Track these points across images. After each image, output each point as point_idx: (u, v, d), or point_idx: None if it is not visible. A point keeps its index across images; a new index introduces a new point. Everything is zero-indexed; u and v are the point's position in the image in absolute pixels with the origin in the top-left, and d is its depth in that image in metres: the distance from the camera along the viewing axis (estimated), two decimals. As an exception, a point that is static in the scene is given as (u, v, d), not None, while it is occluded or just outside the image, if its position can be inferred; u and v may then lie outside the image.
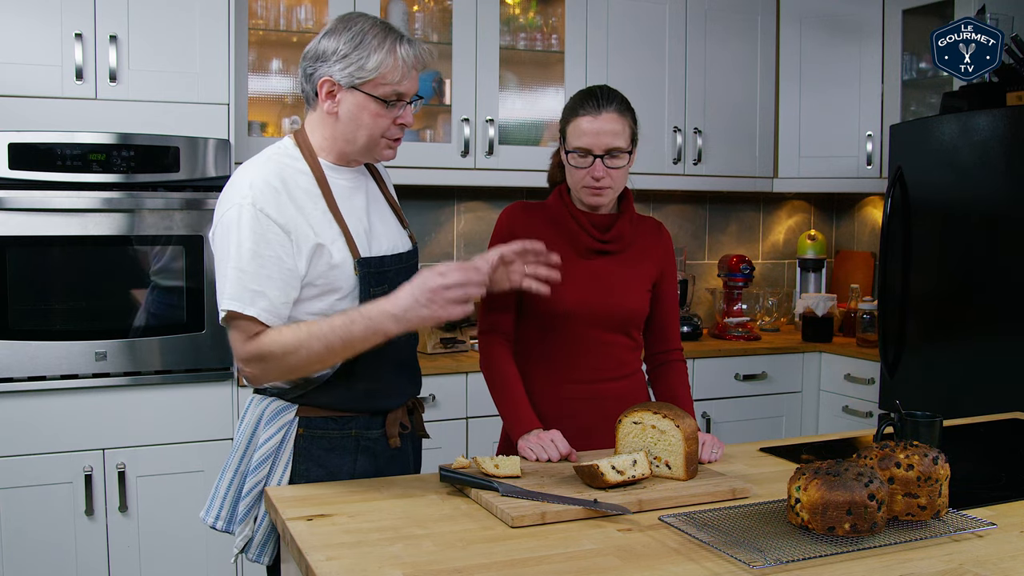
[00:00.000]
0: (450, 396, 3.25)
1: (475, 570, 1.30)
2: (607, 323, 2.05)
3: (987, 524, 1.46)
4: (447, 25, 3.56)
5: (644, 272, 2.10)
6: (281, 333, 1.69)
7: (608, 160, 1.97)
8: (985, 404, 2.80)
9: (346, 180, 1.84)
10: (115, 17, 2.82)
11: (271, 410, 1.82)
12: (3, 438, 2.72)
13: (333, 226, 1.76)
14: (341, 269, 1.75)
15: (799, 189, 4.19)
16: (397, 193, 2.07)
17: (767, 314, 4.33)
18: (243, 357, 1.70)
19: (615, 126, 1.97)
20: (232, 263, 1.69)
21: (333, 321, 1.67)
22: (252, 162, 1.78)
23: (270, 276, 1.69)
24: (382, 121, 1.78)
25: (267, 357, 1.68)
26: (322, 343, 1.66)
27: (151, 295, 2.87)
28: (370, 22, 1.77)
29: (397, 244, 1.90)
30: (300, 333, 1.68)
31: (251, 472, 1.79)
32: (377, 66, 1.73)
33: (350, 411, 1.83)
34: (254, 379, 1.74)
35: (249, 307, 1.68)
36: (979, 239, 3.11)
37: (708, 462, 1.87)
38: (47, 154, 2.73)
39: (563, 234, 2.06)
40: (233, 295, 1.68)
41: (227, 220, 1.71)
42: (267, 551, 1.80)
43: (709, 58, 3.95)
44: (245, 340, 1.69)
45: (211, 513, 1.84)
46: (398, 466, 1.91)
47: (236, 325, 1.71)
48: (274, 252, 1.69)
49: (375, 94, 1.75)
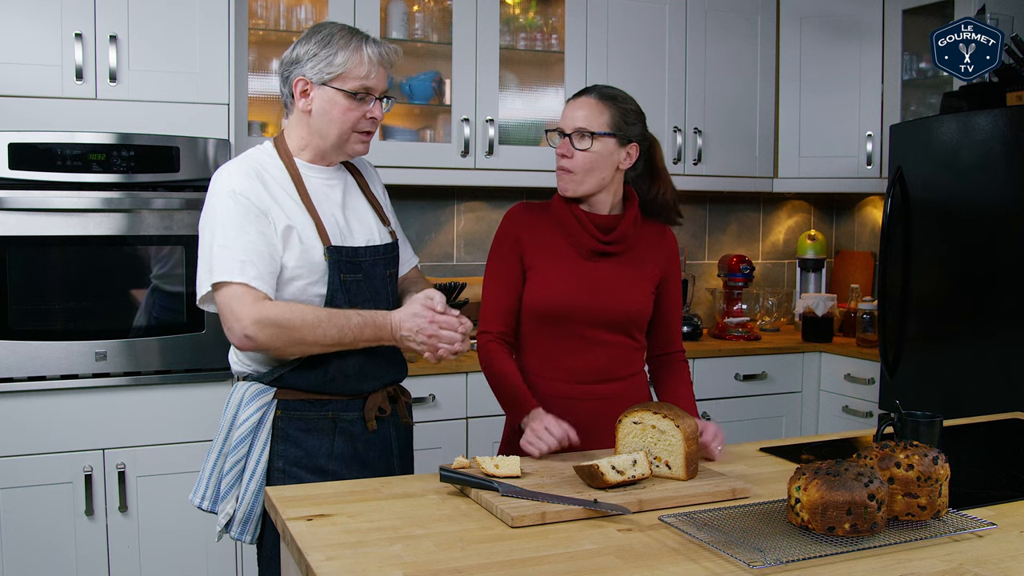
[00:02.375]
0: (450, 396, 3.25)
1: (475, 570, 1.30)
2: (609, 324, 2.05)
3: (987, 524, 1.46)
4: (447, 25, 3.56)
5: (647, 274, 2.10)
6: (298, 308, 1.79)
7: (576, 140, 1.99)
8: (985, 404, 2.80)
9: (322, 177, 1.95)
10: (115, 17, 2.82)
11: (250, 392, 1.90)
12: (3, 438, 2.72)
13: (305, 215, 1.87)
14: (311, 255, 1.85)
15: (799, 189, 4.19)
16: (397, 193, 2.10)
17: (767, 314, 4.33)
18: (251, 320, 1.76)
19: (587, 110, 2.01)
20: (217, 243, 1.79)
21: (348, 313, 1.81)
22: (230, 161, 1.91)
23: (257, 249, 1.78)
24: (352, 114, 1.89)
25: (282, 324, 1.76)
26: (338, 330, 1.79)
27: (151, 295, 2.87)
28: (338, 26, 1.93)
29: (373, 238, 1.98)
30: (320, 313, 1.79)
31: (231, 452, 1.88)
32: (344, 61, 1.86)
33: (325, 394, 1.89)
34: (256, 345, 1.79)
35: (239, 275, 1.76)
36: (979, 239, 3.11)
37: (715, 454, 1.89)
38: (47, 154, 2.73)
39: (565, 235, 2.06)
40: (221, 268, 1.77)
41: (208, 210, 1.84)
42: (248, 529, 1.88)
43: (709, 58, 3.95)
44: (252, 303, 1.76)
45: (197, 494, 1.94)
46: (377, 450, 1.97)
47: (232, 293, 1.77)
48: (256, 227, 1.79)
49: (344, 88, 1.87)
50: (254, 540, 1.89)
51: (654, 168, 2.16)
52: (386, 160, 3.31)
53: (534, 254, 2.06)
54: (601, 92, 2.04)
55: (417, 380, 3.11)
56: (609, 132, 2.01)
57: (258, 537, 1.89)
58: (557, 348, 2.06)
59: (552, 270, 2.05)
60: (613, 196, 2.07)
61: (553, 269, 2.05)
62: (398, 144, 3.49)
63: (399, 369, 2.04)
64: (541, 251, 2.06)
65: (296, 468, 1.88)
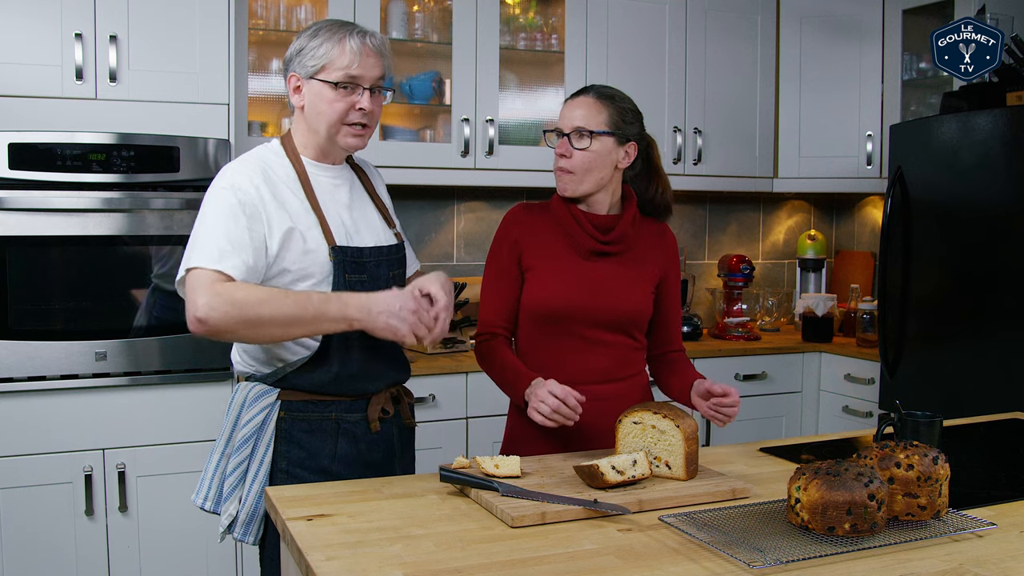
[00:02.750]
0: (450, 396, 3.25)
1: (475, 570, 1.30)
2: (608, 324, 2.05)
3: (987, 524, 1.46)
4: (447, 25, 3.56)
5: (646, 273, 2.10)
6: (254, 286, 1.75)
7: (575, 139, 2.00)
8: (985, 404, 2.80)
9: (329, 176, 1.94)
10: (115, 17, 2.82)
11: (254, 393, 1.89)
12: (3, 438, 2.72)
13: (310, 215, 1.86)
14: (315, 255, 1.84)
15: (799, 189, 4.19)
16: (397, 193, 2.10)
17: (767, 314, 4.33)
18: (207, 298, 1.68)
19: (585, 109, 2.01)
20: (206, 230, 1.78)
21: (311, 292, 1.78)
22: (236, 159, 1.90)
23: (242, 241, 1.76)
24: (337, 105, 1.87)
25: (237, 302, 1.68)
26: (296, 305, 1.71)
27: (151, 295, 2.87)
28: (329, 22, 1.91)
29: (379, 238, 1.97)
30: (275, 291, 1.75)
31: (234, 453, 1.87)
32: (326, 52, 1.86)
33: (329, 395, 1.89)
34: (208, 328, 1.69)
35: (216, 263, 1.73)
36: (979, 239, 3.11)
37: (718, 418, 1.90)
38: (47, 154, 2.73)
39: (564, 235, 2.06)
40: (199, 254, 1.75)
41: (205, 204, 1.83)
42: (251, 530, 1.87)
43: (709, 58, 3.95)
44: (211, 282, 1.70)
45: (200, 495, 1.94)
46: (380, 452, 1.96)
47: (199, 277, 1.72)
48: (247, 223, 1.78)
49: (329, 79, 1.86)
50: (257, 541, 1.89)
51: (652, 168, 2.17)
52: (386, 160, 3.31)
53: (533, 255, 2.06)
54: (599, 91, 2.04)
55: (417, 380, 3.11)
56: (608, 131, 2.01)
57: (260, 538, 1.89)
58: (556, 349, 2.05)
59: (551, 271, 2.05)
60: (612, 196, 2.07)
61: (552, 270, 2.05)
62: (398, 144, 3.49)
63: (402, 370, 2.03)
64: (540, 252, 2.06)
65: (299, 469, 1.87)
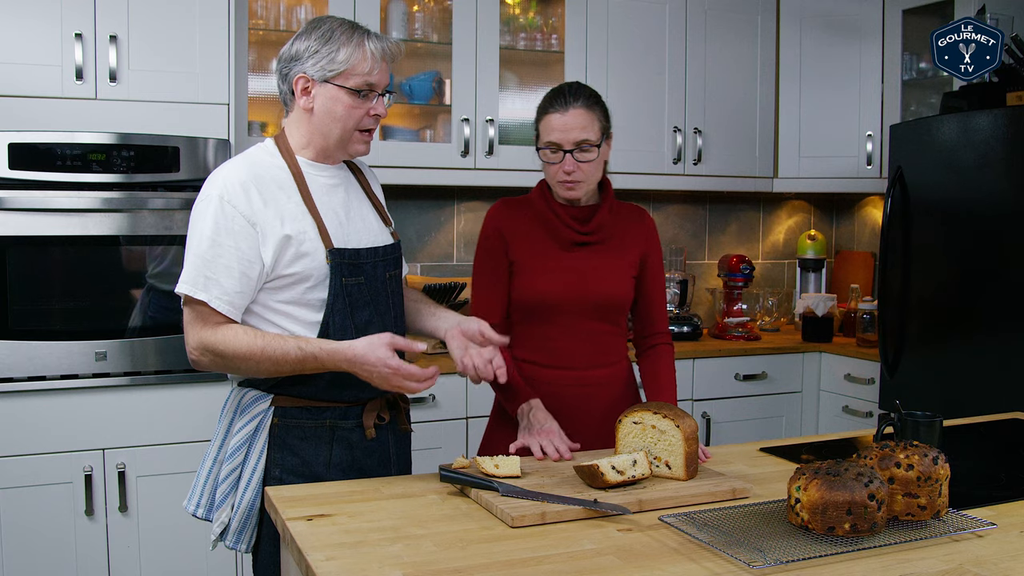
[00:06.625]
0: (450, 396, 3.25)
1: (475, 570, 1.30)
2: (591, 312, 2.11)
3: (987, 524, 1.46)
4: (447, 25, 3.56)
5: (627, 260, 2.16)
6: (238, 338, 1.74)
7: (578, 154, 2.03)
8: (985, 404, 2.80)
9: (325, 177, 1.91)
10: (115, 17, 2.82)
11: (247, 399, 1.88)
12: (3, 438, 2.71)
13: (306, 217, 1.83)
14: (312, 258, 1.82)
15: (799, 189, 4.18)
16: (397, 193, 2.09)
17: (767, 314, 4.33)
18: (195, 344, 1.77)
19: (582, 120, 2.03)
20: (192, 251, 1.78)
21: (288, 347, 1.74)
22: (229, 160, 1.88)
23: (227, 265, 1.75)
24: (355, 112, 1.85)
25: (220, 354, 1.75)
26: (273, 364, 1.75)
27: (151, 295, 2.87)
28: (338, 21, 1.87)
29: (376, 239, 1.95)
30: (255, 347, 1.74)
31: (227, 460, 1.86)
32: (347, 58, 1.82)
33: (323, 401, 1.87)
34: (199, 366, 1.81)
35: (201, 292, 1.75)
36: (979, 239, 3.11)
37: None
38: (47, 154, 2.72)
39: (545, 228, 2.13)
40: (187, 279, 1.77)
41: (195, 213, 1.81)
42: (244, 538, 1.85)
43: (709, 58, 3.95)
44: (202, 327, 1.76)
45: (192, 501, 1.92)
46: (376, 458, 1.95)
47: (193, 309, 1.77)
48: (233, 242, 1.76)
49: (347, 85, 1.83)
50: (249, 549, 1.85)
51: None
52: (386, 160, 3.31)
53: (518, 249, 2.13)
54: (586, 99, 2.06)
55: (417, 380, 3.11)
56: (604, 135, 2.09)
57: (253, 545, 1.86)
58: (542, 335, 2.12)
59: (535, 263, 2.11)
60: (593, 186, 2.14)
61: (536, 262, 2.11)
62: (398, 144, 3.48)
63: None
64: (524, 245, 2.13)
65: (293, 477, 1.85)
